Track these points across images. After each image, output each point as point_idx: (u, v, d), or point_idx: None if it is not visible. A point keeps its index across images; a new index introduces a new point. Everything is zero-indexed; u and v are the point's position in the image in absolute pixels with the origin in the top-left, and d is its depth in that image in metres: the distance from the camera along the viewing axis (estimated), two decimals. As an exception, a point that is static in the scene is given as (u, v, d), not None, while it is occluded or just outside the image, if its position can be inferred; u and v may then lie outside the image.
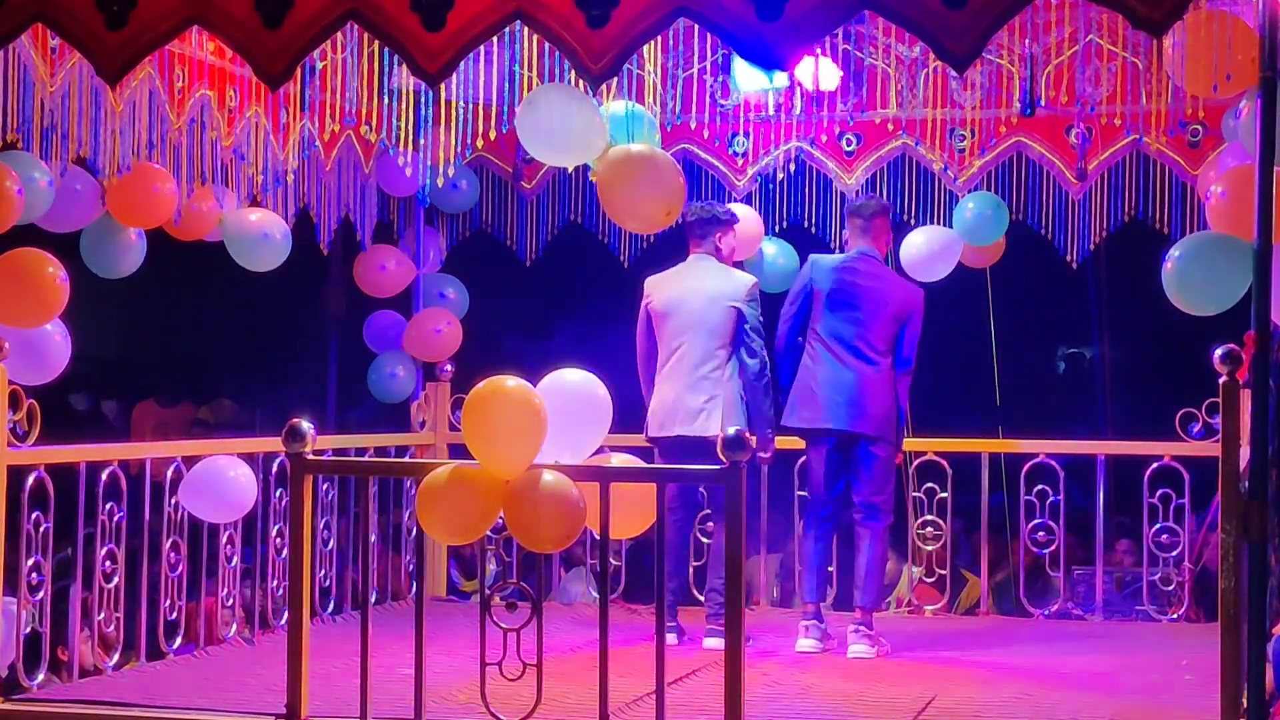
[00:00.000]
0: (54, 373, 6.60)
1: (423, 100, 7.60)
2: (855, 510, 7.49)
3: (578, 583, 9.03)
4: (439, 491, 5.24)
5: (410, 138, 7.49)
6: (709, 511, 8.17)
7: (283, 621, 7.01)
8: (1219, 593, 5.41)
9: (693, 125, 8.54)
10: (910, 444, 8.31)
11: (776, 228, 8.62)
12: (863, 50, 8.14)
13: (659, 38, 6.05)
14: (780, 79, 8.00)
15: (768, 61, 4.98)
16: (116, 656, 6.78)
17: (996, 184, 8.38)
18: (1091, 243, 8.33)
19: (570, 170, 8.13)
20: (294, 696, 5.51)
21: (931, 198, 8.48)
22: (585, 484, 5.21)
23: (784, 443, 7.76)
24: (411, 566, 8.46)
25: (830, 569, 8.47)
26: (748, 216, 8.55)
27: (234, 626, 7.44)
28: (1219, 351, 5.67)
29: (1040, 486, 8.28)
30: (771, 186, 8.59)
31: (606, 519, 5.21)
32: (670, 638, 6.74)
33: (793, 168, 8.54)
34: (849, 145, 8.52)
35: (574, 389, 5.55)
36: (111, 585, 6.65)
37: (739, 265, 8.00)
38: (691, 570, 8.47)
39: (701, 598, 8.33)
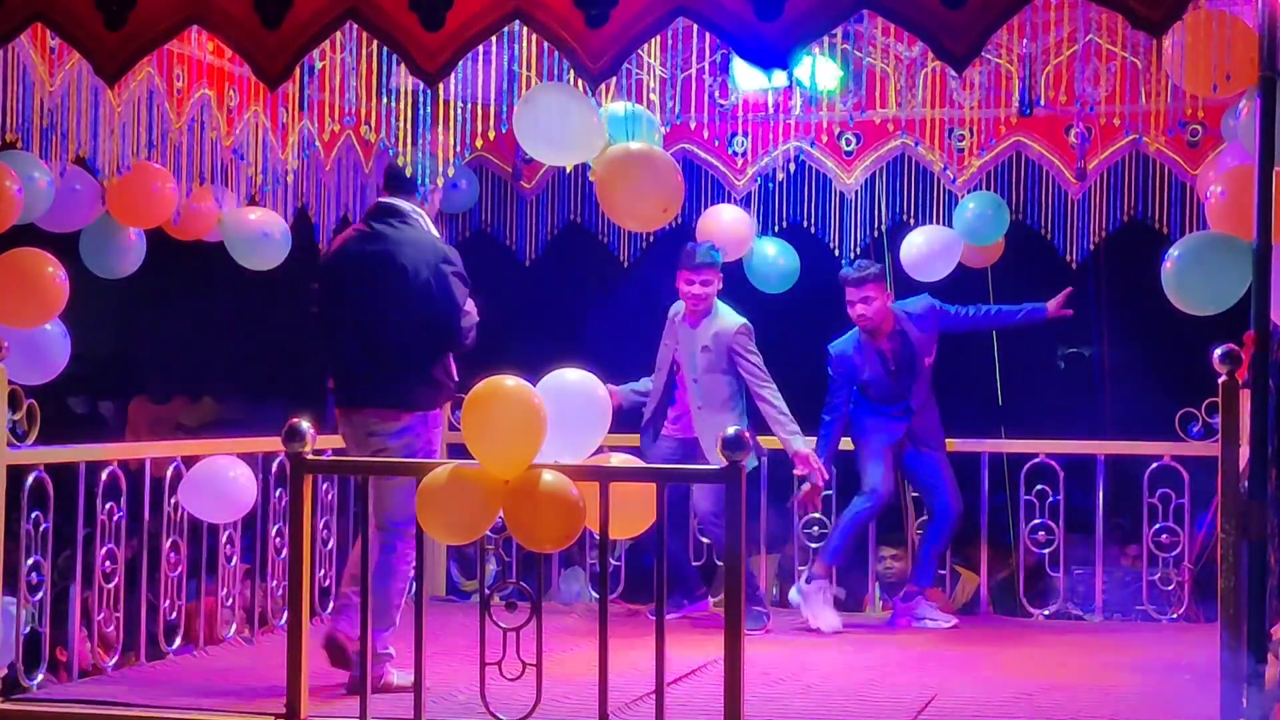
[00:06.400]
0: (53, 372, 6.60)
1: (422, 100, 7.58)
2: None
3: (574, 582, 9.03)
4: (439, 491, 5.24)
5: (410, 138, 7.47)
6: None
7: (283, 621, 7.00)
8: (1219, 593, 5.41)
9: (692, 125, 8.53)
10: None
11: (776, 228, 8.62)
12: (862, 50, 8.13)
13: (658, 37, 6.04)
14: (779, 78, 8.00)
15: (767, 61, 4.98)
16: (116, 656, 6.78)
17: (996, 184, 8.37)
18: (1091, 243, 8.31)
19: (569, 170, 8.13)
20: (294, 696, 5.51)
21: (931, 198, 8.47)
22: (585, 484, 5.21)
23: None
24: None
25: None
26: (737, 217, 8.55)
27: (234, 626, 7.44)
28: (1219, 351, 5.68)
29: (1040, 486, 8.28)
30: (771, 186, 8.58)
31: (606, 519, 5.21)
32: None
33: (792, 168, 8.52)
34: (848, 145, 8.51)
35: (574, 389, 5.55)
36: (111, 585, 6.65)
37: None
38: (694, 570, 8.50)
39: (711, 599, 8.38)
